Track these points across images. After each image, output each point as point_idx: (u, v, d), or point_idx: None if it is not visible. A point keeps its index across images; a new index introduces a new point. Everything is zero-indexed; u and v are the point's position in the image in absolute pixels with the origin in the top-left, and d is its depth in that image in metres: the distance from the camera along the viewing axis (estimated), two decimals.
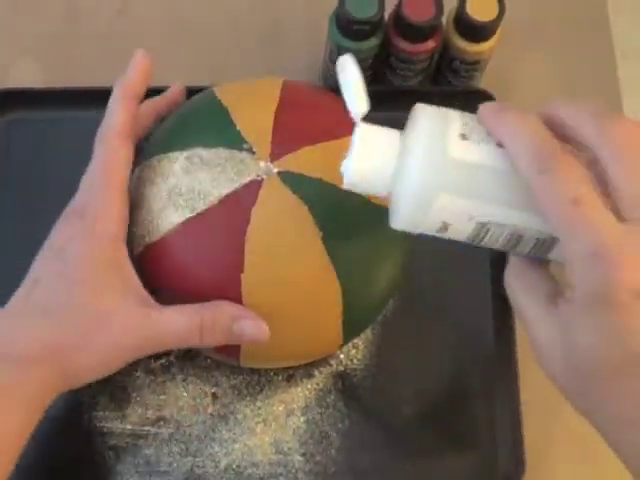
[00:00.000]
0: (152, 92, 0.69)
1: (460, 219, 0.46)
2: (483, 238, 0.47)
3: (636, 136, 0.43)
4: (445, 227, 0.47)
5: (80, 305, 0.55)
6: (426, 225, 0.47)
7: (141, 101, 0.60)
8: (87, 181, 0.57)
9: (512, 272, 0.49)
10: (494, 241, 0.47)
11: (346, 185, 0.49)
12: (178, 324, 0.55)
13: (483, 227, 0.47)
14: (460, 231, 0.47)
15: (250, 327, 0.56)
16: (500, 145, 0.45)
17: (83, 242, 0.55)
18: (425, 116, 0.47)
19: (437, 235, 0.48)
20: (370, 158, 0.48)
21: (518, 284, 0.49)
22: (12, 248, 0.60)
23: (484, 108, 0.47)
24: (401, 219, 0.47)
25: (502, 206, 0.46)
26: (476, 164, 0.45)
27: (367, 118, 0.49)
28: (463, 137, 0.46)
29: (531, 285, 0.48)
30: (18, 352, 0.54)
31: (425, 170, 0.46)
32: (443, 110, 0.48)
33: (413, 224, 0.47)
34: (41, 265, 0.57)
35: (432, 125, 0.46)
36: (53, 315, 0.55)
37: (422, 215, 0.47)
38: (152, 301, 0.57)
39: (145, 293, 0.57)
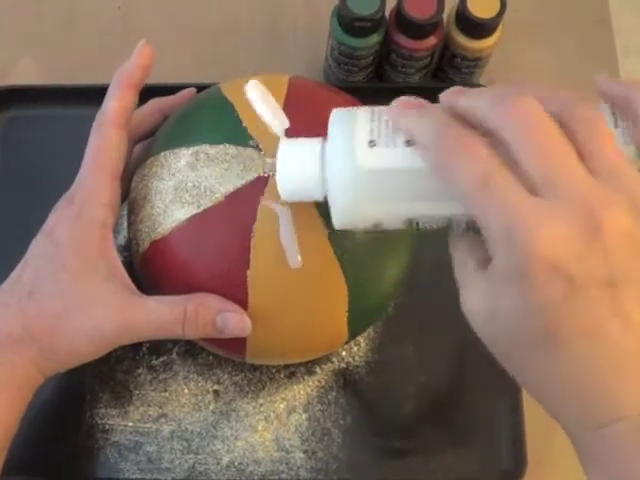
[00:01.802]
0: (151, 90, 0.69)
1: (388, 217, 0.48)
2: (417, 227, 0.48)
3: (536, 115, 0.43)
4: (378, 224, 0.48)
5: (63, 288, 0.55)
6: (361, 225, 0.49)
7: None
8: (80, 169, 0.58)
9: (450, 241, 0.50)
10: (428, 228, 0.49)
11: (283, 198, 0.51)
12: (161, 313, 0.55)
13: (412, 221, 0.48)
14: (393, 225, 0.48)
15: (234, 320, 0.55)
16: (409, 143, 0.46)
17: (70, 226, 0.56)
18: (336, 127, 0.49)
19: (377, 229, 0.49)
20: (296, 171, 0.50)
21: (454, 252, 0.50)
22: (12, 247, 0.60)
23: (390, 109, 0.47)
24: (338, 222, 0.49)
25: (422, 201, 0.47)
26: (387, 169, 0.46)
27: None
28: (371, 144, 0.47)
29: (464, 251, 0.48)
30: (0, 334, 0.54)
31: (341, 182, 0.47)
32: (353, 114, 0.49)
33: (350, 225, 0.49)
34: (32, 249, 0.57)
35: (342, 136, 0.48)
36: (36, 297, 0.55)
37: (353, 218, 0.48)
38: (135, 289, 0.57)
39: (129, 281, 0.57)
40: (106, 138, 0.57)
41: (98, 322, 0.55)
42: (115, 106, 0.57)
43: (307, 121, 0.59)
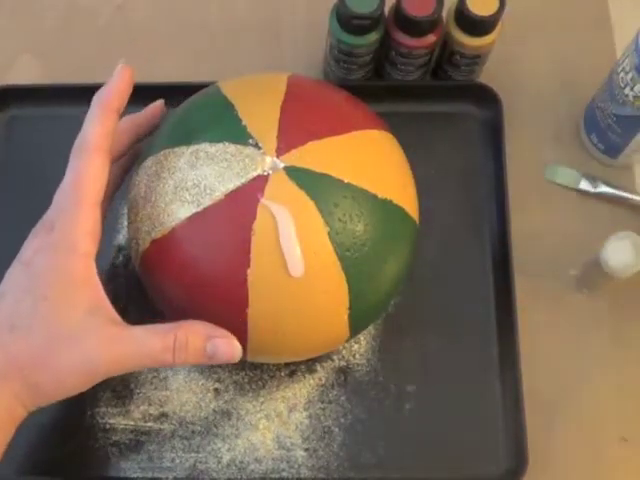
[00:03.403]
0: (151, 90, 0.69)
1: None
2: None
3: None
4: None
5: (45, 321, 0.53)
6: None
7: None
8: (59, 194, 0.56)
9: None
10: None
11: None
12: (150, 344, 0.54)
13: None
14: None
15: (223, 346, 0.55)
16: None
17: (50, 257, 0.54)
18: None
19: None
20: None
21: None
22: (12, 246, 0.60)
23: None
24: None
25: None
26: None
27: None
28: None
29: None
30: None
31: None
32: None
33: None
34: (8, 279, 0.56)
35: None
36: (18, 330, 0.54)
37: None
38: (120, 320, 0.55)
39: (114, 312, 0.55)
40: (88, 165, 0.55)
41: (88, 356, 0.53)
42: (97, 131, 0.55)
43: (306, 119, 0.59)
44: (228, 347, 0.56)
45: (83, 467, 0.67)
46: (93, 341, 0.54)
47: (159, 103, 0.64)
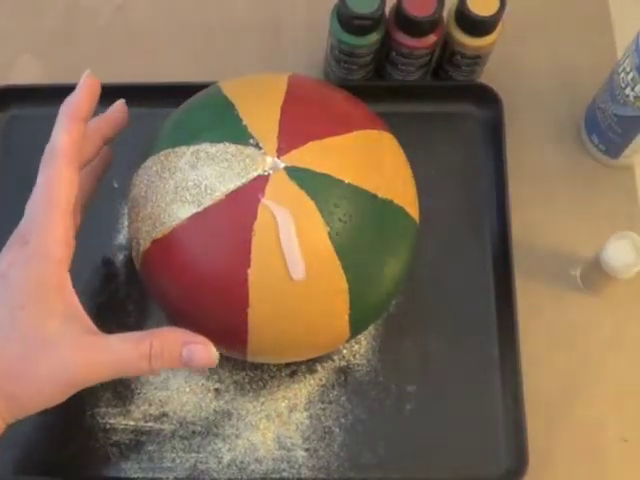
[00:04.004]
0: (151, 90, 0.69)
1: None
2: None
3: None
4: None
5: (21, 331, 0.53)
6: None
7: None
8: (30, 205, 0.56)
9: None
10: None
11: None
12: (127, 351, 0.54)
13: None
14: None
15: (199, 352, 0.55)
16: None
17: (24, 267, 0.54)
18: None
19: None
20: None
21: None
22: None
23: None
24: None
25: None
26: None
27: None
28: None
29: None
30: None
31: None
32: None
33: None
34: None
35: None
36: None
37: None
38: (96, 329, 0.55)
39: (89, 321, 0.55)
40: (57, 174, 0.55)
41: (64, 365, 0.53)
42: (66, 140, 0.55)
43: (307, 119, 0.59)
44: (204, 353, 0.55)
45: (83, 467, 0.67)
46: (69, 350, 0.53)
47: (120, 103, 0.64)
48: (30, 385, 0.53)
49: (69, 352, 0.53)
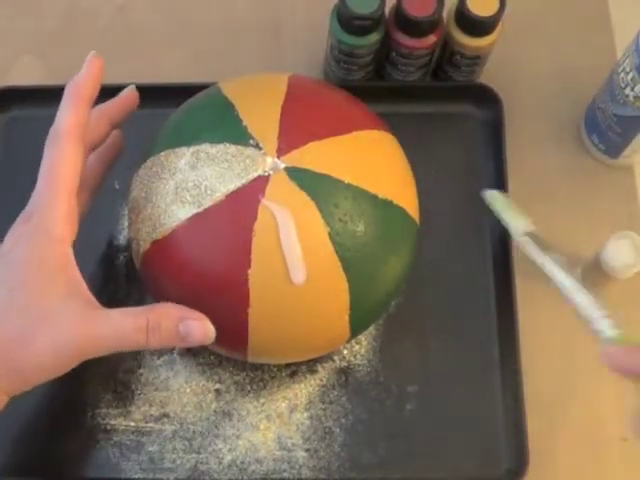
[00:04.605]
0: (152, 90, 0.69)
1: None
2: None
3: None
4: None
5: (23, 306, 0.54)
6: None
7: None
8: (36, 187, 0.57)
9: None
10: None
11: None
12: (124, 325, 0.55)
13: None
14: None
15: (196, 327, 0.55)
16: None
17: (27, 244, 0.55)
18: None
19: None
20: None
21: None
22: None
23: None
24: None
25: None
26: None
27: None
28: None
29: None
30: None
31: None
32: None
33: None
34: None
35: None
36: None
37: None
38: (97, 303, 0.56)
39: (91, 295, 0.56)
40: (61, 153, 0.55)
41: (64, 336, 0.54)
42: (70, 120, 0.56)
43: (307, 120, 0.59)
44: (200, 329, 0.56)
45: (84, 468, 0.67)
46: (70, 323, 0.54)
47: (130, 88, 0.65)
48: (32, 358, 0.54)
49: (70, 325, 0.54)
